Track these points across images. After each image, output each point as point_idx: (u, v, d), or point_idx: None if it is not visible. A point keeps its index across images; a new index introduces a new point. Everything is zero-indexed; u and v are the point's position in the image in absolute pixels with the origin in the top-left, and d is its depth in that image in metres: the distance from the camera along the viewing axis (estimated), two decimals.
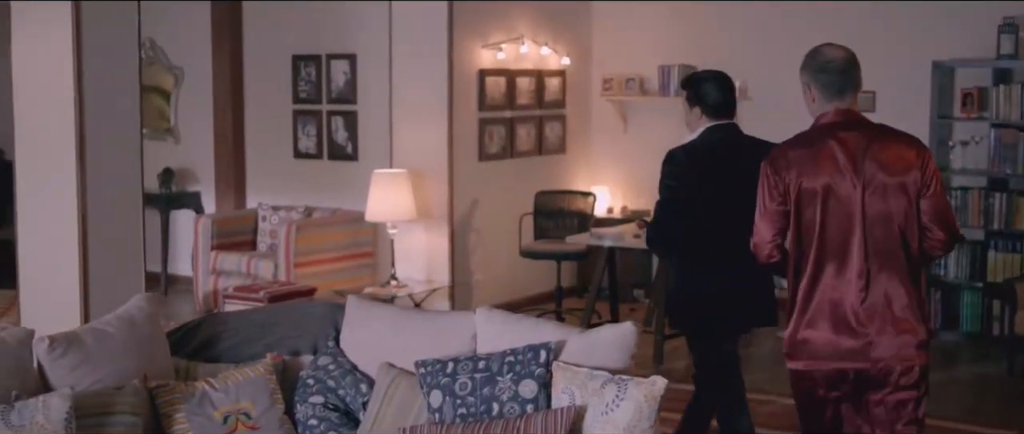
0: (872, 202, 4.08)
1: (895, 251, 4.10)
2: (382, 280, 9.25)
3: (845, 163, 4.08)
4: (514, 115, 9.75)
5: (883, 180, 4.07)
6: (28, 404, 4.03)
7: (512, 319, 4.62)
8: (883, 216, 4.09)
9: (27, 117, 6.66)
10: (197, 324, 5.04)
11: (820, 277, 4.13)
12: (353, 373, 4.74)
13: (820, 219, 4.11)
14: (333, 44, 9.99)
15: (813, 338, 4.15)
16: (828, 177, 4.09)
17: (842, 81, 4.18)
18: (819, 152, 4.12)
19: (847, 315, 4.10)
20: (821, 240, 4.12)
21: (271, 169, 10.50)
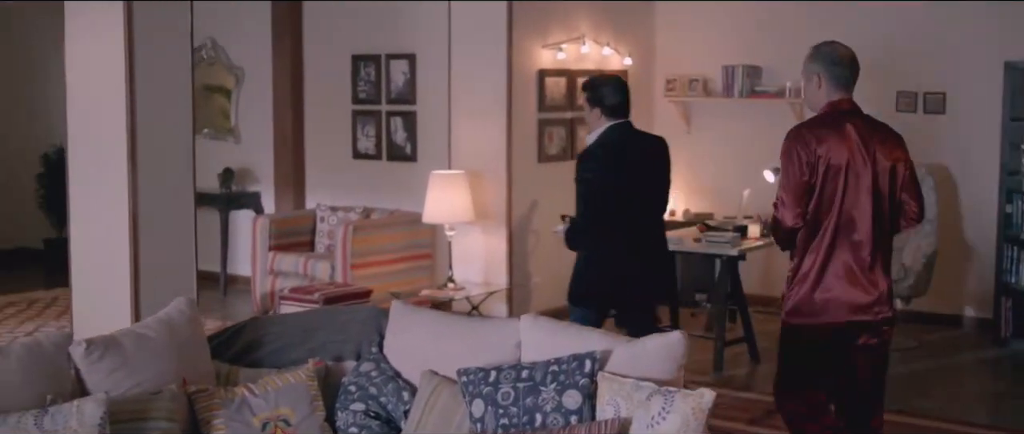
0: (878, 180, 4.75)
1: (887, 223, 4.81)
2: (439, 282, 9.15)
3: (859, 144, 4.73)
4: (574, 116, 9.61)
5: (884, 162, 4.77)
6: (62, 409, 3.96)
7: (558, 327, 4.49)
8: (884, 193, 4.77)
9: (80, 117, 6.65)
10: (240, 328, 4.96)
11: (837, 244, 4.73)
12: (395, 380, 4.63)
13: (841, 192, 4.71)
14: (392, 44, 9.91)
15: (831, 298, 4.74)
16: (849, 155, 4.71)
17: (850, 75, 4.84)
18: (842, 132, 4.72)
19: (859, 277, 4.74)
20: (840, 211, 4.72)
21: (330, 170, 10.44)
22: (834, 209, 4.71)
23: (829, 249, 4.73)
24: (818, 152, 4.69)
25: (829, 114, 4.81)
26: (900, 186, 4.83)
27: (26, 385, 4.06)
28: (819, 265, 4.74)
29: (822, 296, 4.75)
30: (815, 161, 4.69)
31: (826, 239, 4.73)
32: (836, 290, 4.74)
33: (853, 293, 4.74)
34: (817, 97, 4.86)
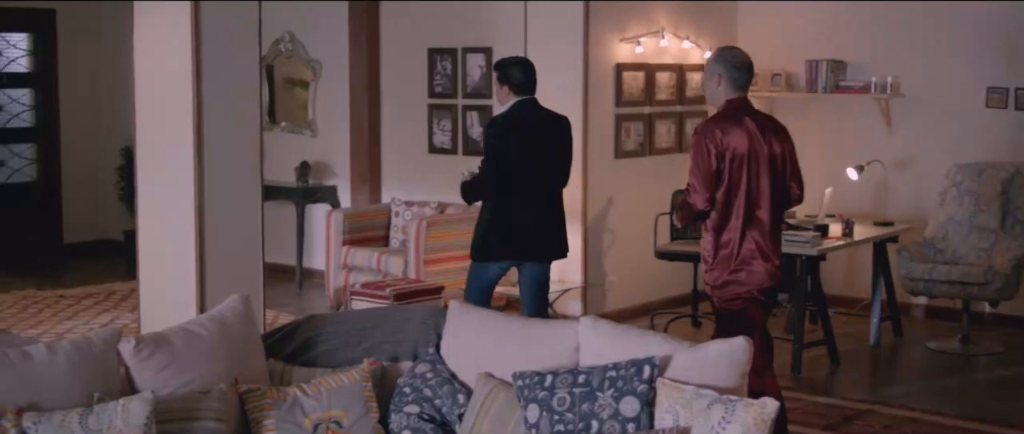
0: (773, 166, 5.47)
1: (780, 203, 5.56)
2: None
3: (757, 135, 5.43)
4: (653, 111, 9.42)
5: (777, 150, 5.49)
6: (107, 407, 3.90)
7: (617, 330, 4.34)
8: (779, 177, 5.51)
9: (148, 113, 6.66)
10: (295, 326, 4.88)
11: (747, 223, 5.44)
12: (451, 382, 4.51)
13: (746, 178, 5.42)
14: (469, 37, 9.80)
15: (750, 271, 5.47)
16: (750, 145, 5.41)
17: (746, 77, 5.55)
18: (742, 126, 5.43)
19: (766, 250, 5.49)
20: (747, 194, 5.43)
21: (406, 164, 10.36)
22: (741, 193, 5.43)
23: (743, 229, 5.45)
24: (724, 143, 5.39)
25: (729, 110, 5.50)
26: (788, 172, 5.58)
27: (75, 383, 4.01)
28: (737, 243, 5.46)
29: (742, 269, 5.48)
30: (722, 152, 5.38)
31: (739, 220, 5.45)
32: (752, 263, 5.47)
33: (764, 265, 5.48)
34: (717, 95, 5.56)
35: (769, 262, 5.48)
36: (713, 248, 5.51)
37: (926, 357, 8.23)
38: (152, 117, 6.65)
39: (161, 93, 6.58)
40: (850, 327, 8.83)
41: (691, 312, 9.01)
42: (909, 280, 8.33)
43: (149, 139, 6.69)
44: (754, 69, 5.60)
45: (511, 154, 6.47)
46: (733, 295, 5.50)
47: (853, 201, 9.05)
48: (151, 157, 6.70)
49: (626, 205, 9.19)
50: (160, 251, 6.72)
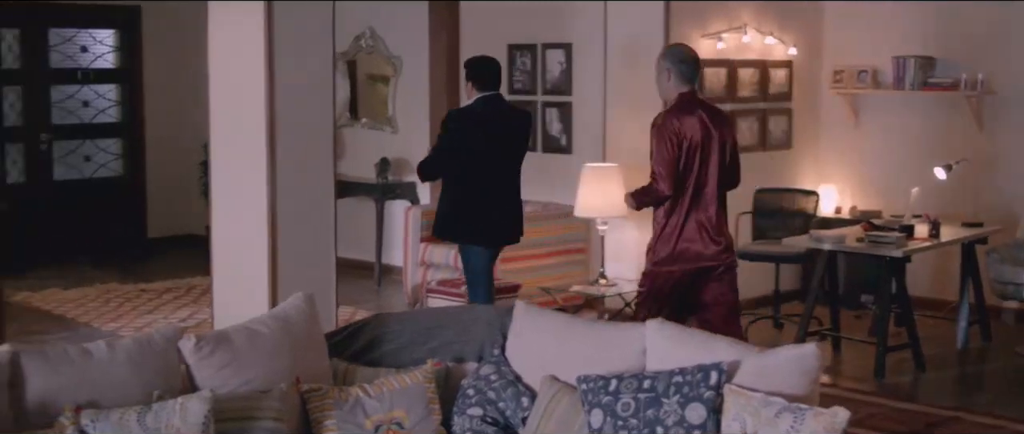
0: (722, 153, 6.11)
1: (726, 187, 6.20)
2: (592, 278, 8.91)
3: (708, 125, 6.08)
4: (735, 108, 9.24)
5: (724, 139, 6.14)
6: (166, 406, 3.87)
7: (685, 334, 4.23)
8: (725, 164, 6.14)
9: (222, 112, 6.67)
10: (361, 325, 4.82)
11: (692, 206, 6.07)
12: (515, 385, 4.43)
13: (697, 165, 6.05)
14: (549, 33, 9.70)
15: (690, 248, 6.11)
16: (702, 134, 6.05)
17: (693, 71, 6.21)
18: (695, 116, 6.07)
19: (709, 230, 6.10)
20: (695, 180, 6.05)
21: None
22: (691, 178, 6.07)
23: (687, 210, 6.08)
24: (682, 133, 6.02)
25: (682, 102, 6.16)
26: (732, 158, 6.21)
27: (134, 380, 3.99)
28: (680, 223, 6.09)
29: (682, 246, 6.10)
30: (680, 141, 6.02)
31: (685, 203, 6.08)
32: (692, 242, 6.08)
33: (704, 244, 6.08)
34: (668, 89, 6.23)
35: (714, 241, 6.12)
36: (661, 227, 6.17)
37: (1015, 363, 7.98)
38: (226, 115, 6.66)
39: (235, 92, 6.59)
40: (936, 331, 8.59)
41: (772, 313, 8.82)
42: (998, 283, 8.08)
43: (223, 137, 6.69)
44: (700, 64, 6.36)
45: (467, 144, 6.90)
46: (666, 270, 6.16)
47: (940, 201, 8.78)
48: (225, 155, 6.70)
49: None
50: (233, 248, 6.72)
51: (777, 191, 9.19)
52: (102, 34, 12.16)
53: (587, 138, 9.40)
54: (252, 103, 6.46)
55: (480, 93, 7.07)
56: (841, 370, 7.82)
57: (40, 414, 3.80)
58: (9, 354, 3.85)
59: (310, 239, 6.67)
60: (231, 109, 6.65)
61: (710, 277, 6.21)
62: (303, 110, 6.57)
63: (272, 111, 6.41)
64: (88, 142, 12.13)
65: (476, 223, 7.03)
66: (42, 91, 11.74)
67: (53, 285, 10.33)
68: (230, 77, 6.64)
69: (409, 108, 10.83)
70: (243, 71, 6.52)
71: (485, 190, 7.02)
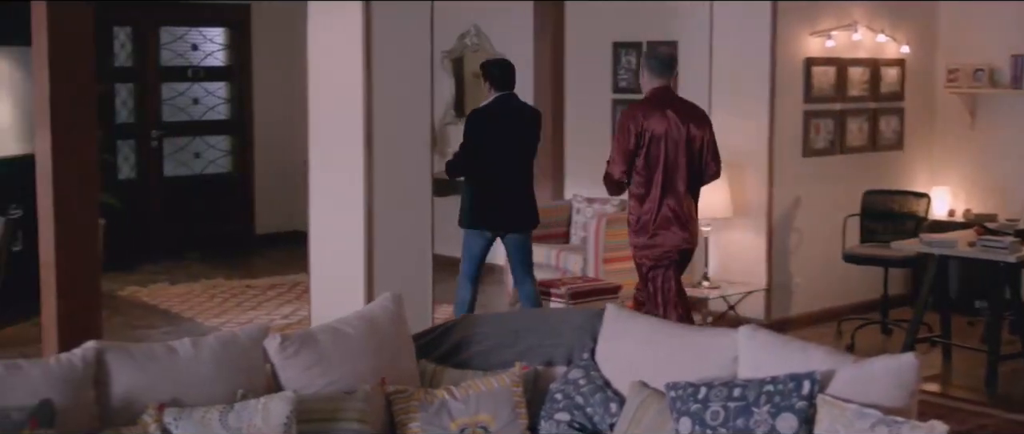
0: (689, 146, 6.45)
1: (696, 177, 6.56)
2: (694, 280, 8.76)
3: (675, 120, 6.44)
4: (844, 107, 9.02)
5: (694, 133, 6.48)
6: (248, 405, 3.85)
7: (778, 341, 4.09)
8: (694, 155, 6.49)
9: (320, 111, 6.70)
10: (449, 326, 4.78)
11: (666, 193, 6.45)
12: (604, 390, 4.34)
13: (663, 156, 6.41)
14: (654, 30, 9.56)
15: (665, 234, 6.48)
16: (668, 127, 6.41)
17: (665, 68, 6.62)
18: (660, 111, 6.44)
19: (681, 216, 6.49)
20: (664, 170, 6.42)
21: (589, 159, 10.16)
22: (659, 169, 6.42)
23: (660, 200, 6.45)
24: (644, 125, 6.40)
25: (652, 97, 6.56)
26: (706, 152, 6.54)
27: (219, 379, 3.98)
28: (654, 211, 6.47)
29: (658, 233, 6.50)
30: (641, 132, 6.40)
31: (657, 192, 6.44)
32: (669, 228, 6.48)
33: (676, 230, 6.49)
34: (644, 83, 6.65)
35: (684, 228, 6.53)
36: (637, 215, 6.55)
37: None
38: (324, 114, 6.68)
39: (333, 91, 6.61)
40: None
41: (880, 318, 8.59)
42: None
43: (321, 136, 6.72)
44: (675, 63, 6.85)
45: (483, 141, 7.40)
46: (658, 254, 6.53)
47: None
48: (323, 153, 6.73)
49: (814, 205, 8.83)
50: (331, 246, 6.74)
51: (887, 193, 8.94)
52: (212, 32, 12.31)
53: None
54: (350, 102, 6.47)
55: (496, 93, 7.52)
56: (951, 379, 7.58)
57: (124, 411, 3.81)
58: (95, 351, 3.87)
59: (407, 237, 6.65)
60: (329, 108, 6.66)
61: (677, 258, 6.62)
62: (401, 109, 6.55)
63: (369, 110, 6.41)
64: (198, 139, 12.29)
65: (482, 210, 7.52)
66: (153, 89, 11.91)
67: (160, 280, 10.48)
68: (328, 76, 6.65)
69: None
70: (341, 70, 6.53)
71: (496, 180, 7.49)
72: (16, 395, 3.60)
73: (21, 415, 3.51)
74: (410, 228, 6.65)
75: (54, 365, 3.75)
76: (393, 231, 6.56)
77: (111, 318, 9.00)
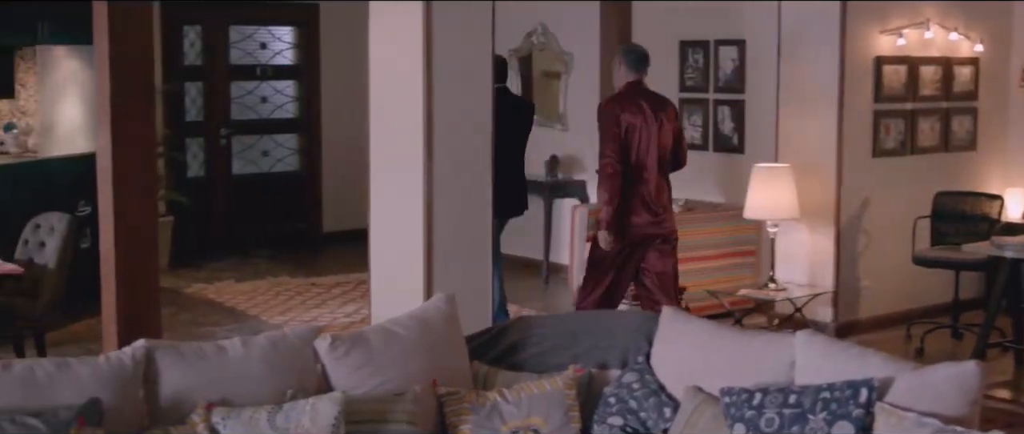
0: (661, 136, 6.92)
1: (667, 167, 7.03)
2: (760, 282, 8.65)
3: (649, 111, 6.92)
4: (916, 107, 8.85)
5: (666, 125, 6.96)
6: (297, 406, 3.83)
7: (836, 347, 4.00)
8: (665, 145, 6.96)
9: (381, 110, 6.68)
10: (504, 328, 4.74)
11: (638, 181, 6.88)
12: (658, 394, 4.26)
13: (636, 146, 6.85)
14: (722, 29, 9.45)
15: (636, 220, 6.91)
16: (642, 119, 6.88)
17: (640, 63, 7.07)
18: (637, 103, 6.93)
19: (652, 203, 6.92)
20: (636, 160, 6.87)
21: None
22: (632, 159, 6.86)
23: (631, 188, 6.85)
24: (621, 116, 6.84)
25: (627, 90, 7.02)
26: (676, 140, 7.05)
27: (268, 379, 3.97)
28: (627, 197, 6.85)
29: (627, 221, 6.88)
30: (619, 122, 6.82)
31: (631, 177, 6.86)
32: (636, 216, 6.89)
33: (647, 216, 6.91)
34: (619, 77, 7.09)
35: (654, 213, 6.95)
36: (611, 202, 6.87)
37: None
38: (384, 114, 6.67)
39: (393, 91, 6.60)
40: None
41: (951, 323, 8.41)
42: None
43: (382, 134, 6.70)
44: (649, 59, 7.12)
45: None
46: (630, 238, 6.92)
47: None
48: (383, 152, 6.71)
49: (883, 206, 8.67)
50: (391, 245, 6.71)
51: (959, 194, 8.76)
52: (281, 31, 12.37)
53: (759, 138, 9.13)
54: (410, 101, 6.44)
55: None
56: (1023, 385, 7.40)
57: (173, 410, 3.81)
58: (145, 349, 3.87)
59: (467, 237, 6.60)
60: (389, 107, 6.64)
61: (650, 247, 6.98)
62: (461, 108, 6.51)
63: (429, 109, 6.37)
64: (266, 137, 12.35)
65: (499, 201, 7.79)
66: (222, 87, 12.00)
67: (227, 278, 10.54)
68: (389, 76, 6.63)
69: (580, 105, 10.70)
70: (401, 69, 6.51)
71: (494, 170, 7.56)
72: (65, 393, 3.61)
73: (69, 413, 3.52)
74: (470, 227, 6.60)
75: (103, 363, 3.75)
76: (453, 231, 6.52)
77: (177, 315, 9.08)
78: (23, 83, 10.01)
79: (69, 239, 6.96)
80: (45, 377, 3.63)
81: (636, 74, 7.06)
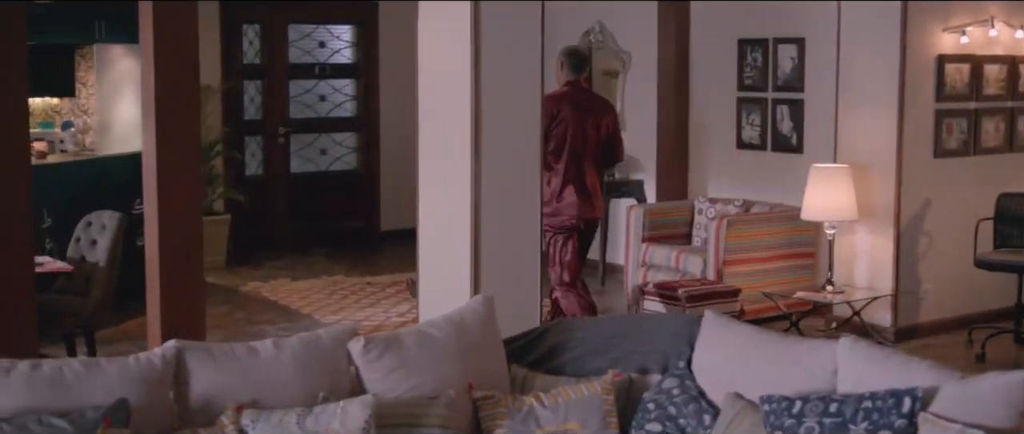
0: (592, 130, 7.68)
1: (597, 157, 7.75)
2: (818, 284, 8.50)
3: (583, 109, 7.72)
4: (979, 107, 8.65)
5: (596, 119, 7.73)
6: (327, 409, 3.79)
7: (880, 354, 3.89)
8: (597, 139, 7.71)
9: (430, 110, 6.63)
10: (543, 331, 4.66)
11: (570, 169, 7.61)
12: (698, 401, 4.17)
13: (569, 139, 7.61)
14: (781, 27, 9.30)
15: (568, 203, 7.63)
16: (577, 115, 7.65)
17: (580, 66, 7.91)
18: (572, 101, 7.72)
19: (582, 192, 7.63)
20: (570, 151, 7.60)
21: (713, 159, 9.98)
22: (566, 149, 7.62)
23: (564, 177, 7.62)
24: (554, 112, 7.59)
25: (565, 89, 7.81)
26: (610, 137, 7.81)
27: (300, 381, 3.93)
28: (560, 185, 7.62)
29: (563, 204, 7.64)
30: (555, 115, 7.60)
31: (562, 170, 7.62)
32: (568, 202, 7.63)
33: (580, 202, 7.63)
34: (559, 77, 7.85)
35: (585, 201, 7.67)
36: (548, 187, 7.54)
37: None
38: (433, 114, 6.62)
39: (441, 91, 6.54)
40: None
41: (1014, 327, 8.21)
42: None
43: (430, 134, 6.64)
44: (587, 64, 8.37)
45: None
46: (559, 223, 7.66)
47: None
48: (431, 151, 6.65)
49: (944, 208, 8.48)
50: (439, 243, 6.66)
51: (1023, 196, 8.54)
52: (339, 30, 12.38)
53: (818, 137, 8.97)
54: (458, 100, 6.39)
55: None
56: None
57: (203, 411, 3.79)
58: (175, 350, 3.84)
59: (515, 236, 6.53)
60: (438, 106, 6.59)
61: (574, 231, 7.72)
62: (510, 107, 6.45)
63: (477, 108, 6.31)
64: (324, 136, 12.37)
65: None
66: (281, 86, 12.03)
67: (283, 276, 10.55)
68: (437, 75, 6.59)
69: (637, 104, 10.60)
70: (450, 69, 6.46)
71: None
72: (94, 394, 3.59)
73: (96, 414, 3.50)
74: (518, 228, 6.53)
75: (133, 364, 3.73)
76: (501, 230, 6.46)
77: (232, 313, 9.11)
78: (84, 82, 10.10)
79: (119, 237, 6.98)
80: (74, 377, 3.62)
81: (575, 75, 7.83)
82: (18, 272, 5.19)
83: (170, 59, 5.53)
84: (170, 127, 5.53)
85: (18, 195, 5.15)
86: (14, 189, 5.14)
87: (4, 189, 5.08)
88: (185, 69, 5.58)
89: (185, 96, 5.57)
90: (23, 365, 3.60)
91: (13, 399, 3.51)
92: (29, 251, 5.23)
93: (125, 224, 7.04)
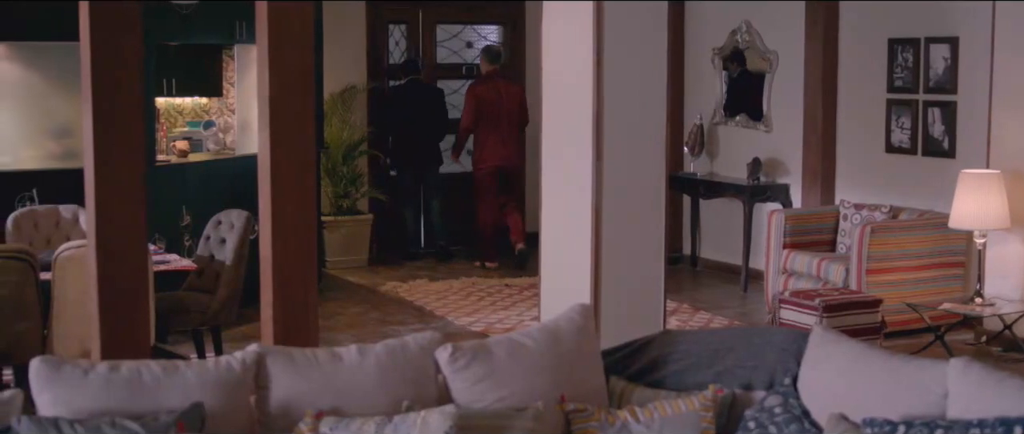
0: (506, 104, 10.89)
1: (514, 123, 11.06)
2: (967, 296, 8.11)
3: (499, 91, 10.93)
4: None
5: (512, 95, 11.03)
6: (407, 419, 3.70)
7: (994, 378, 3.61)
8: (513, 112, 10.97)
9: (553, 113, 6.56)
10: (645, 342, 4.49)
11: (492, 133, 10.88)
12: (801, 421, 3.96)
13: (488, 112, 10.82)
14: (933, 26, 8.90)
15: (487, 155, 10.91)
16: (495, 96, 10.84)
17: (495, 58, 11.07)
18: (491, 84, 10.93)
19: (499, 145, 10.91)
20: (488, 120, 10.85)
21: (860, 163, 9.62)
22: (489, 119, 10.79)
23: (487, 136, 10.85)
24: (479, 95, 10.83)
25: (484, 76, 11.01)
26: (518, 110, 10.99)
27: (382, 389, 3.85)
28: (484, 143, 10.87)
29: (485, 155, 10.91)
30: (476, 97, 10.82)
31: (487, 132, 10.86)
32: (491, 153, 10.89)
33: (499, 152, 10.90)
34: (483, 66, 10.99)
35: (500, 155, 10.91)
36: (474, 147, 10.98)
37: None
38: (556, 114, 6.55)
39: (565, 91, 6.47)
40: None
41: None
42: None
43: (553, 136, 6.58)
44: (501, 55, 11.28)
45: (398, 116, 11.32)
46: (486, 170, 10.87)
47: None
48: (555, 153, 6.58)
49: None
50: (560, 246, 6.58)
51: None
52: (487, 30, 12.35)
53: (971, 141, 8.57)
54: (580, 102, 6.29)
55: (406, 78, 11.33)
56: None
57: (282, 417, 3.74)
58: (256, 355, 3.80)
59: (637, 239, 6.40)
60: (561, 108, 6.51)
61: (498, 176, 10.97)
62: (633, 108, 6.32)
63: (599, 109, 6.20)
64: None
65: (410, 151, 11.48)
66: None
67: (423, 276, 10.55)
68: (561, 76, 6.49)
69: (784, 106, 10.30)
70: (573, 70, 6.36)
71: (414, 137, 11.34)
72: (170, 397, 3.57)
73: (170, 418, 3.47)
74: (641, 230, 6.39)
75: (211, 368, 3.70)
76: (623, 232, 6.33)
77: (367, 313, 9.14)
78: (231, 81, 10.25)
79: (246, 236, 7.03)
80: (152, 380, 3.60)
81: (491, 66, 10.97)
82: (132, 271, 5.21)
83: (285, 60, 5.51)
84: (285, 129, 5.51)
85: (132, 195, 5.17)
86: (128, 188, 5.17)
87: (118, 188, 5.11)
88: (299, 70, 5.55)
89: (299, 98, 5.53)
90: (102, 366, 3.60)
91: (91, 400, 3.51)
92: (143, 250, 5.25)
93: (252, 223, 7.09)
